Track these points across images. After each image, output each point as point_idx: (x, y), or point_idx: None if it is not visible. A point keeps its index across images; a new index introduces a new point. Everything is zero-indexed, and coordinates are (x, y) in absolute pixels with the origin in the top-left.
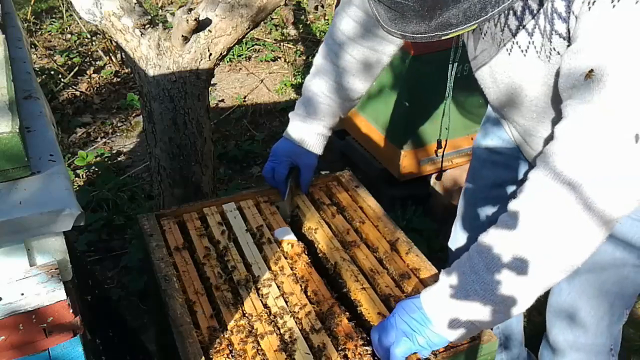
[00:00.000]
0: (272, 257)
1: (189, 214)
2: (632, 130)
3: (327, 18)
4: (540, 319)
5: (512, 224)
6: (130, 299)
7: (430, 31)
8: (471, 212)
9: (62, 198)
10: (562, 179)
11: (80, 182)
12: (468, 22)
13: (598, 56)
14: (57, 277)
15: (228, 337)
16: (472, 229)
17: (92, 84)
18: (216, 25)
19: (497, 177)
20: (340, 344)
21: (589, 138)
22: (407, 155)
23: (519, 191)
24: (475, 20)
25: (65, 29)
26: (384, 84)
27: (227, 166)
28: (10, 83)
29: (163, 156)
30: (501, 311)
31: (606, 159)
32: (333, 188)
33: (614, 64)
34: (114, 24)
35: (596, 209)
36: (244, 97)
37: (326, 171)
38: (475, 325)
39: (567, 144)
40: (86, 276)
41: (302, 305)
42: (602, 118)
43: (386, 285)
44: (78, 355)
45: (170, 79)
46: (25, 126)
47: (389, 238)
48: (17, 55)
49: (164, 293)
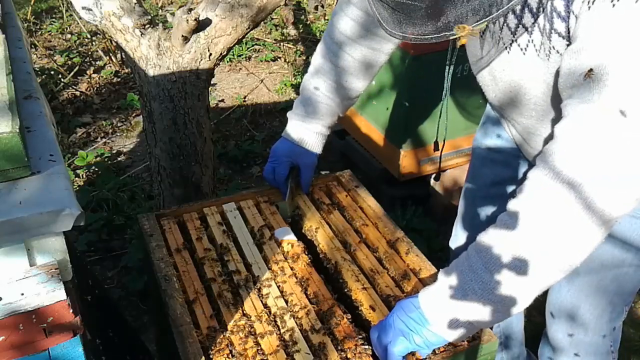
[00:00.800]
0: (272, 257)
1: (189, 214)
2: (632, 130)
3: (327, 18)
4: (540, 318)
5: (511, 224)
6: (130, 299)
7: (437, 31)
8: (471, 211)
9: (62, 198)
10: (562, 179)
11: (80, 182)
12: (481, 19)
13: (598, 56)
14: (57, 277)
15: (228, 337)
16: (472, 228)
17: (92, 84)
18: (216, 25)
19: (497, 175)
20: (340, 344)
21: (589, 137)
22: (406, 155)
23: (518, 191)
24: (485, 18)
25: (65, 29)
26: (384, 84)
27: (227, 166)
28: (10, 83)
29: (163, 156)
30: (499, 310)
31: (605, 158)
32: (333, 188)
33: (614, 64)
34: (114, 24)
35: (596, 208)
36: (244, 97)
37: (326, 171)
38: (473, 325)
39: (566, 143)
40: (86, 276)
41: (302, 305)
42: (602, 117)
43: (386, 285)
44: (78, 355)
45: (170, 79)
46: (25, 126)
47: (389, 238)
48: (17, 55)
49: (164, 293)
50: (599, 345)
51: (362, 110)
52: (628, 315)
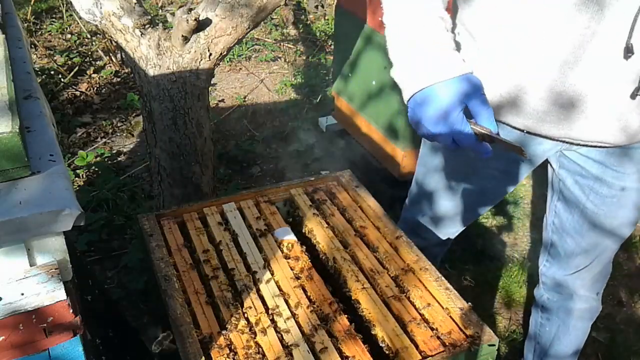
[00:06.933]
0: (272, 257)
1: (189, 214)
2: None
3: (327, 18)
4: None
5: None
6: (130, 299)
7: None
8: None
9: (62, 198)
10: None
11: (80, 182)
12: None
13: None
14: (57, 277)
15: (228, 337)
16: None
17: (92, 84)
18: (216, 25)
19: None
20: (340, 344)
21: None
22: (407, 155)
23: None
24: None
25: (65, 29)
26: (384, 84)
27: (227, 166)
28: (10, 83)
29: (163, 156)
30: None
31: None
32: (333, 188)
33: None
34: (114, 24)
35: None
36: (244, 97)
37: (326, 171)
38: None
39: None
40: (86, 276)
41: (302, 305)
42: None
43: (386, 285)
44: (78, 355)
45: (170, 79)
46: (25, 126)
47: (389, 238)
48: (17, 55)
49: (164, 293)
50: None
51: (362, 110)
52: (628, 316)
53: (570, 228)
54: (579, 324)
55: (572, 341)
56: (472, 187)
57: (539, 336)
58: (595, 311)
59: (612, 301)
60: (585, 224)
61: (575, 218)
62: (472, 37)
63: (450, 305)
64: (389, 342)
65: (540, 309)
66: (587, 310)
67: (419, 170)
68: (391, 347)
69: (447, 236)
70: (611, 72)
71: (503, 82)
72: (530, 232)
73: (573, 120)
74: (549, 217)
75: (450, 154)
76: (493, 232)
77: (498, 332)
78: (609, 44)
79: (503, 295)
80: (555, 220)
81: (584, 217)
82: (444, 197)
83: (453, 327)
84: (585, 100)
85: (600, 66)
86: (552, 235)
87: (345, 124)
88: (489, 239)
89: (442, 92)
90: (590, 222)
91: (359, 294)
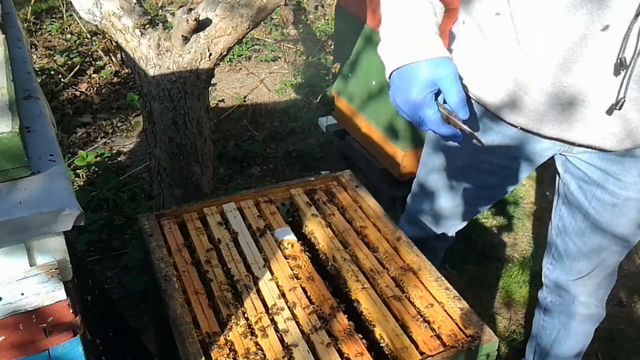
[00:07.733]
0: (272, 257)
1: (189, 214)
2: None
3: (327, 18)
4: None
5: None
6: (130, 299)
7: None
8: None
9: (62, 198)
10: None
11: (80, 182)
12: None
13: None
14: (57, 277)
15: (228, 337)
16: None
17: (92, 84)
18: (216, 25)
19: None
20: (340, 344)
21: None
22: (407, 155)
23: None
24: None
25: (65, 29)
26: (384, 84)
27: (227, 166)
28: (10, 83)
29: (163, 156)
30: None
31: None
32: (333, 188)
33: None
34: (114, 24)
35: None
36: (244, 97)
37: (326, 171)
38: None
39: None
40: (86, 276)
41: (302, 305)
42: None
43: (386, 285)
44: (78, 355)
45: (170, 79)
46: (25, 126)
47: (389, 238)
48: (17, 55)
49: (164, 293)
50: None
51: (362, 110)
52: (628, 316)
53: (573, 232)
54: (580, 328)
55: (572, 345)
56: (473, 182)
57: (540, 337)
58: (597, 317)
59: (612, 301)
60: (587, 229)
61: (578, 222)
62: (480, 29)
63: (450, 305)
64: (389, 342)
65: (543, 311)
66: (589, 316)
67: (422, 160)
68: (391, 347)
69: (447, 229)
70: (607, 77)
71: (506, 78)
72: (531, 232)
73: (571, 121)
74: (553, 220)
75: (452, 148)
76: (493, 232)
77: (498, 332)
78: (604, 49)
79: (503, 295)
80: (559, 224)
81: (586, 222)
82: (445, 189)
83: (453, 327)
84: (583, 102)
85: (596, 69)
86: (555, 238)
87: (345, 124)
88: (489, 239)
89: (419, 71)
90: (592, 227)
91: (359, 294)
